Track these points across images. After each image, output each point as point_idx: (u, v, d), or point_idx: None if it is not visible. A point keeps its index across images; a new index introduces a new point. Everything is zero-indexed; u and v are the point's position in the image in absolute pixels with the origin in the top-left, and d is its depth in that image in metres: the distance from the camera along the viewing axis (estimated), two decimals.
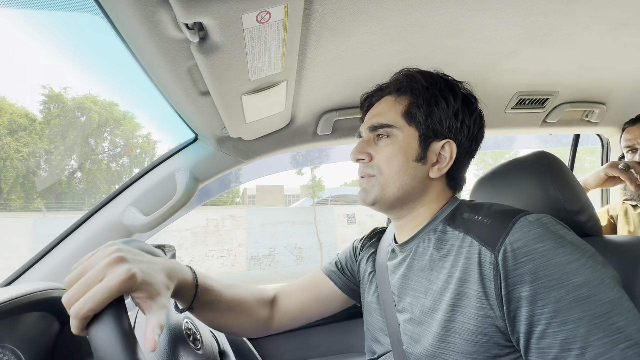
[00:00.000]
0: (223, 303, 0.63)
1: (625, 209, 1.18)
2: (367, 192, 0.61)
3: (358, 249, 0.78)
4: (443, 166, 0.59)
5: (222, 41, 0.52)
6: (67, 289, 0.39)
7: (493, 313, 0.46)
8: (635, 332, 0.40)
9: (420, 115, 0.59)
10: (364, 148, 0.62)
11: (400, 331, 0.57)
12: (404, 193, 0.59)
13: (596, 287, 0.42)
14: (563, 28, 0.75)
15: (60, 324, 0.64)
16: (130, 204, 0.91)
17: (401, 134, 0.59)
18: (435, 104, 0.59)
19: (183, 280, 0.54)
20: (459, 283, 0.49)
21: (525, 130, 1.24)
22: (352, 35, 0.67)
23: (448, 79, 0.62)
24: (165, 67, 0.59)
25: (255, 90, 0.69)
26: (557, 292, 0.42)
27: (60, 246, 0.87)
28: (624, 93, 1.15)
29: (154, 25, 0.49)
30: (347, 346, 1.13)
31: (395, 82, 0.63)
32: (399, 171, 0.58)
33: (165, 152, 0.99)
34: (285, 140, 1.02)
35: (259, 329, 0.70)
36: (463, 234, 0.53)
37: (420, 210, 0.61)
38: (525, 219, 0.47)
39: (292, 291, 0.75)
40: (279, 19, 0.51)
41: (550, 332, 0.42)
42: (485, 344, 0.47)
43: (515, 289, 0.44)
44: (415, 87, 0.60)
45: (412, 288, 0.57)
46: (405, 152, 0.58)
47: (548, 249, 0.44)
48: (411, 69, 0.63)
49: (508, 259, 0.45)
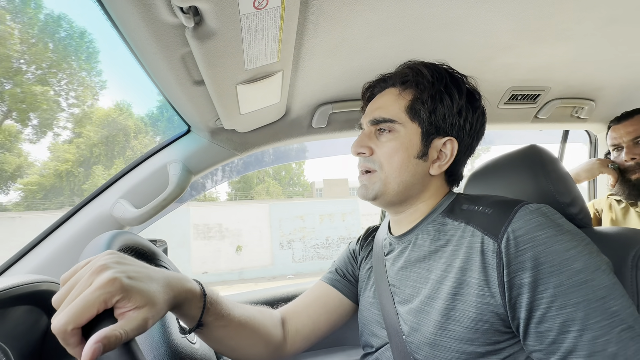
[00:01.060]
0: (234, 319, 0.55)
1: (609, 204, 1.22)
2: (367, 188, 0.60)
3: (357, 251, 0.76)
4: (443, 163, 0.59)
5: (217, 27, 0.50)
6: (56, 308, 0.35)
7: (494, 300, 0.47)
8: (629, 316, 0.41)
9: (424, 111, 0.58)
10: (365, 142, 0.61)
11: (400, 321, 0.57)
12: (404, 189, 0.59)
13: (593, 273, 0.43)
14: (557, 23, 0.76)
15: (49, 318, 0.63)
16: (121, 196, 0.89)
17: (403, 129, 0.58)
18: (440, 101, 0.58)
19: (188, 290, 0.47)
20: (460, 272, 0.50)
21: (517, 126, 1.26)
22: (349, 26, 0.67)
23: (454, 74, 0.61)
24: (158, 54, 0.58)
25: (251, 80, 0.68)
26: (557, 277, 0.43)
27: (48, 239, 0.85)
28: (612, 90, 1.18)
29: (148, 8, 0.48)
30: (340, 339, 1.13)
31: (401, 74, 0.61)
32: (399, 167, 0.58)
33: (158, 143, 0.97)
34: (280, 132, 1.01)
35: (273, 352, 0.63)
36: (464, 224, 0.53)
37: (419, 205, 0.61)
38: (526, 207, 0.49)
39: (299, 309, 0.70)
40: (276, 6, 0.50)
41: (550, 315, 0.43)
42: (485, 330, 0.47)
43: (517, 276, 0.45)
44: (421, 82, 0.58)
45: (412, 279, 0.57)
46: (407, 149, 0.58)
47: (549, 236, 0.45)
48: (416, 61, 0.61)
49: (510, 246, 0.46)
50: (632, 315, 0.42)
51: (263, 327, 0.61)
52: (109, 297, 0.34)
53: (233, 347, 0.58)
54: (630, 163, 1.08)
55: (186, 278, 0.49)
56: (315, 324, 0.68)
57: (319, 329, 0.69)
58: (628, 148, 1.09)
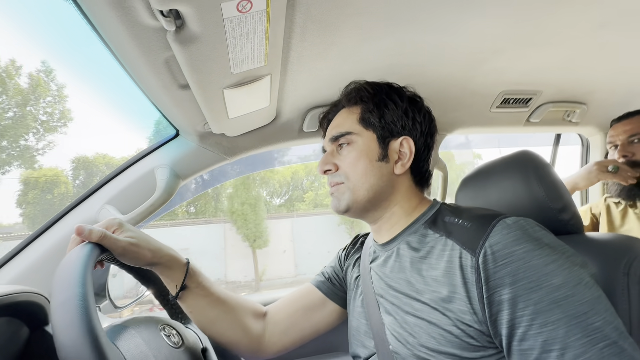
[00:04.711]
0: (214, 292, 0.65)
1: (607, 207, 1.19)
2: (338, 199, 0.62)
3: (343, 258, 0.77)
4: (406, 161, 0.62)
5: (200, 31, 0.49)
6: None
7: (476, 317, 0.46)
8: (613, 331, 0.40)
9: (373, 118, 0.62)
10: (328, 159, 0.64)
11: (386, 332, 0.57)
12: (374, 194, 0.60)
13: (574, 288, 0.42)
14: (548, 27, 0.75)
15: (29, 329, 0.61)
16: (107, 202, 0.87)
17: (360, 138, 0.62)
18: (385, 106, 0.62)
19: (173, 255, 0.60)
20: (441, 286, 0.50)
21: (509, 130, 1.26)
22: (339, 29, 0.66)
23: (392, 84, 0.66)
24: (141, 58, 0.56)
25: (238, 84, 0.67)
26: (537, 293, 0.42)
27: (30, 247, 0.82)
28: (603, 94, 1.18)
29: (127, 11, 0.46)
30: (332, 346, 1.12)
31: (346, 95, 0.67)
32: (365, 173, 0.60)
33: (145, 148, 0.95)
34: (270, 136, 1.00)
35: (251, 342, 0.68)
36: (445, 237, 0.53)
37: (394, 209, 0.62)
38: (504, 222, 0.48)
39: (281, 305, 0.74)
40: (261, 9, 0.49)
41: (531, 334, 0.42)
42: (469, 346, 0.47)
43: (496, 292, 0.44)
44: (364, 95, 0.64)
45: (395, 289, 0.57)
46: (367, 154, 0.61)
47: (526, 251, 0.45)
48: (359, 81, 0.67)
49: (488, 261, 0.45)
50: (616, 329, 0.41)
51: (242, 309, 0.68)
52: (110, 224, 0.53)
53: (213, 319, 0.65)
54: (622, 160, 1.07)
55: (175, 250, 0.61)
56: (292, 319, 0.71)
57: (297, 324, 0.71)
58: (622, 146, 1.09)
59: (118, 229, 0.54)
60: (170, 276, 0.61)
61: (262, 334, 0.69)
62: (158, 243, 0.59)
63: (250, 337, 0.67)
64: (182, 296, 0.62)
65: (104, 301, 0.84)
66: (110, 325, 0.57)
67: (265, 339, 0.69)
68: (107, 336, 0.41)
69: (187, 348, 0.64)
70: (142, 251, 0.55)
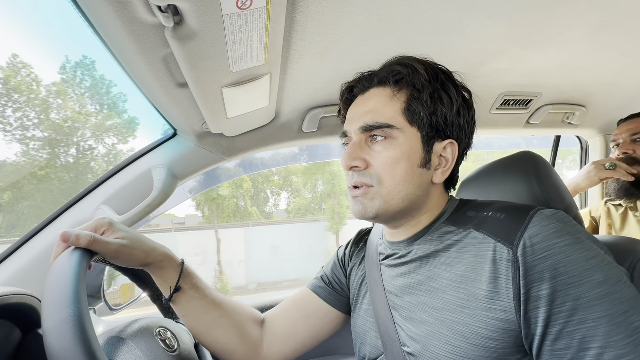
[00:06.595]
0: (210, 295, 0.62)
1: (607, 210, 1.19)
2: (364, 205, 0.52)
3: (346, 257, 0.71)
4: (446, 169, 0.53)
5: (199, 27, 0.48)
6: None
7: (505, 315, 0.42)
8: None
9: (424, 112, 0.51)
10: (357, 153, 0.52)
11: (399, 331, 0.53)
12: (409, 203, 0.52)
13: (615, 285, 0.40)
14: (548, 28, 0.75)
15: (21, 332, 0.59)
16: (103, 202, 0.85)
17: (402, 135, 0.51)
18: (439, 100, 0.51)
19: (166, 254, 0.58)
20: (466, 282, 0.46)
21: (509, 131, 1.26)
22: (339, 28, 0.65)
23: (446, 70, 0.55)
24: (138, 55, 0.55)
25: (237, 83, 0.66)
26: (577, 289, 0.39)
27: (23, 248, 0.80)
28: (603, 96, 1.18)
29: (124, 7, 0.45)
30: (333, 348, 1.10)
31: (391, 72, 0.53)
32: (403, 180, 0.50)
33: (142, 147, 0.94)
34: (269, 137, 0.99)
35: (249, 351, 0.63)
36: (471, 230, 0.49)
37: (422, 217, 0.55)
38: (542, 212, 0.45)
39: (278, 312, 0.69)
40: (261, 6, 0.48)
41: (568, 331, 0.40)
42: (494, 349, 0.43)
43: (534, 287, 0.41)
44: (417, 80, 0.51)
45: (413, 287, 0.53)
46: (410, 157, 0.50)
47: (567, 244, 0.41)
48: (408, 57, 0.54)
49: (527, 254, 0.42)
50: None
51: (239, 316, 0.64)
52: (98, 224, 0.50)
53: (207, 324, 0.61)
54: (621, 157, 1.09)
55: (169, 250, 0.59)
56: (292, 328, 0.67)
57: (297, 333, 0.67)
58: (624, 143, 1.10)
59: (108, 230, 0.51)
60: (163, 276, 0.58)
61: (260, 342, 0.65)
62: (151, 242, 0.56)
63: (247, 345, 0.63)
64: (175, 298, 0.59)
65: (99, 303, 0.83)
66: (107, 338, 0.55)
67: (264, 349, 0.65)
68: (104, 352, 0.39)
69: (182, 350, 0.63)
70: (135, 252, 0.52)
